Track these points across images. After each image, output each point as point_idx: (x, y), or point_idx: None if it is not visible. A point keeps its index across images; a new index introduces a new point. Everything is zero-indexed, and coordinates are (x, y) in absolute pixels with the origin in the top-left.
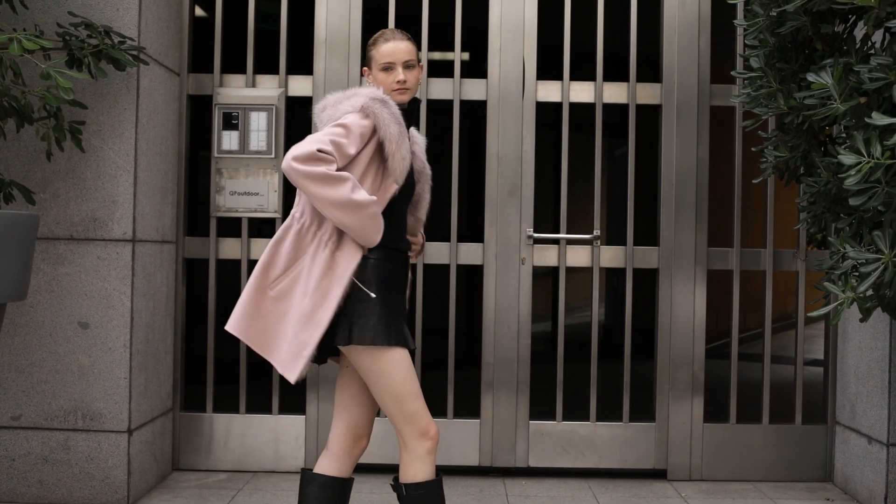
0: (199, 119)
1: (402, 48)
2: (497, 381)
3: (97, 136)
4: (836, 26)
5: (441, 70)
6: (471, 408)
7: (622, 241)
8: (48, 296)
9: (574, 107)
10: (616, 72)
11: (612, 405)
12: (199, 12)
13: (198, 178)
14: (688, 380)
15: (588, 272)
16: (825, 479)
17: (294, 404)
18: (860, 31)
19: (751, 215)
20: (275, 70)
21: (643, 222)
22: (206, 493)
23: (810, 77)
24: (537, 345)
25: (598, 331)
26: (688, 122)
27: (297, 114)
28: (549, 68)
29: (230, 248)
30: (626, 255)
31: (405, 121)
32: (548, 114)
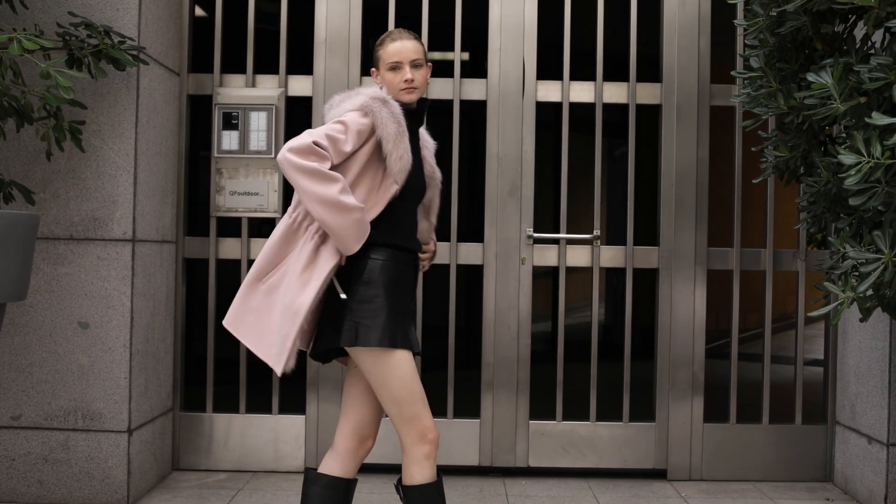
0: (199, 119)
1: (410, 47)
2: (497, 381)
3: (97, 136)
4: (836, 26)
5: (441, 70)
6: (471, 408)
7: (622, 241)
8: (48, 296)
9: (574, 107)
10: (616, 72)
11: (612, 405)
12: (199, 12)
13: (198, 178)
14: (688, 380)
15: (588, 272)
16: (825, 479)
17: (294, 404)
18: (860, 31)
19: (751, 215)
20: (275, 70)
21: (643, 222)
22: (206, 493)
23: (810, 77)
24: (537, 345)
25: (598, 331)
26: (688, 122)
27: (297, 114)
28: (549, 68)
29: (230, 248)
30: (626, 255)
31: (414, 121)
32: (548, 114)
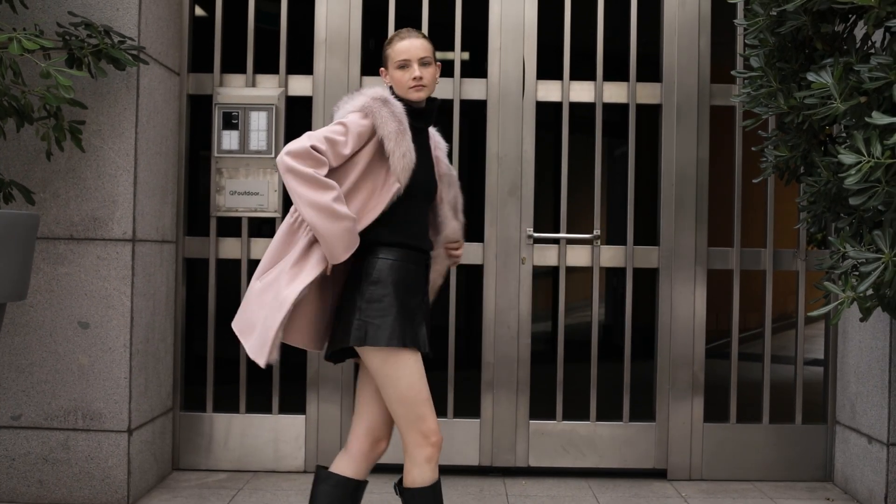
0: (199, 119)
1: (418, 45)
2: (497, 381)
3: (97, 136)
4: (836, 26)
5: (441, 70)
6: (471, 408)
7: (622, 240)
8: (48, 296)
9: (574, 106)
10: (616, 71)
11: (612, 405)
12: (199, 12)
13: (198, 177)
14: (688, 379)
15: (588, 272)
16: (825, 479)
17: (294, 404)
18: (860, 31)
19: (751, 215)
20: (275, 70)
21: (643, 222)
22: (206, 492)
23: (810, 76)
24: (537, 345)
25: (598, 331)
26: (688, 122)
27: (297, 113)
28: (549, 68)
29: (230, 248)
30: (626, 255)
31: (423, 120)
32: (548, 114)
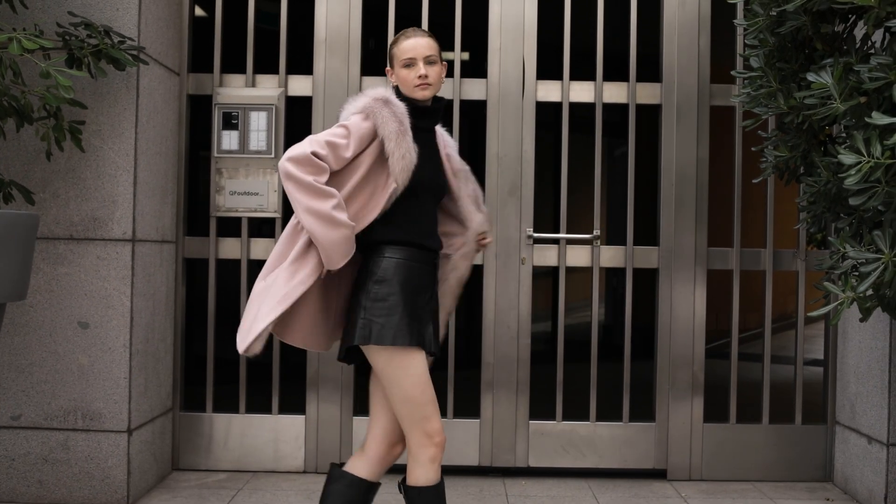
0: (199, 119)
1: (423, 44)
2: (497, 381)
3: (97, 136)
4: (836, 26)
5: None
6: (471, 408)
7: (622, 240)
8: (48, 296)
9: (574, 107)
10: (616, 72)
11: (612, 405)
12: (199, 12)
13: (198, 177)
14: (688, 380)
15: (588, 272)
16: (825, 479)
17: (294, 404)
18: (860, 31)
19: (751, 215)
20: (275, 70)
21: (643, 222)
22: (205, 492)
23: (810, 77)
24: (537, 345)
25: (598, 331)
26: (688, 122)
27: (297, 113)
28: (549, 68)
29: (230, 248)
30: (626, 255)
31: (428, 119)
32: (548, 114)
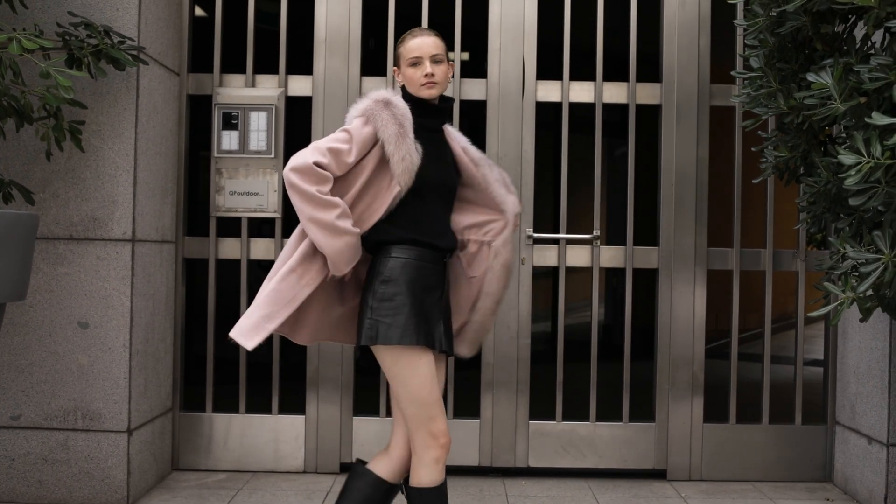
0: (199, 119)
1: (430, 42)
2: (497, 381)
3: (97, 136)
4: (836, 26)
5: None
6: (471, 408)
7: (622, 241)
8: (48, 296)
9: (574, 107)
10: (616, 72)
11: (612, 405)
12: (198, 12)
13: (198, 178)
14: (688, 380)
15: (588, 272)
16: (825, 480)
17: (294, 404)
18: (860, 31)
19: (751, 215)
20: (275, 70)
21: (643, 222)
22: (205, 492)
23: (810, 77)
24: (537, 345)
25: (598, 331)
26: (688, 122)
27: (297, 113)
28: (548, 68)
29: (230, 248)
30: (625, 255)
31: (436, 119)
32: (548, 114)
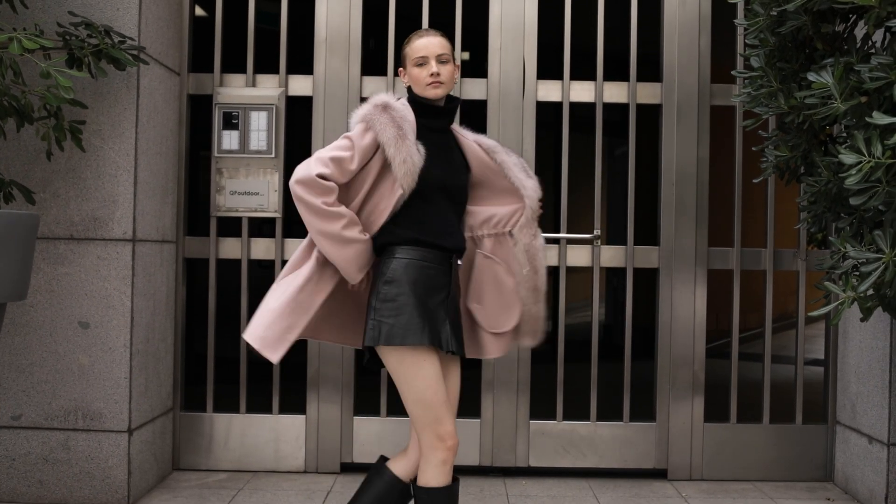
0: (199, 119)
1: (435, 42)
2: (497, 381)
3: (97, 136)
4: (836, 26)
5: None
6: (471, 407)
7: (622, 240)
8: (48, 296)
9: (574, 106)
10: (616, 71)
11: (613, 405)
12: (199, 12)
13: (198, 177)
14: (688, 379)
15: (588, 272)
16: (826, 479)
17: (294, 404)
18: (861, 31)
19: (751, 215)
20: (275, 70)
21: (643, 222)
22: (206, 492)
23: (811, 76)
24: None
25: (598, 330)
26: (688, 122)
27: (298, 113)
28: (549, 68)
29: (230, 248)
30: (626, 255)
31: (442, 120)
32: (548, 113)
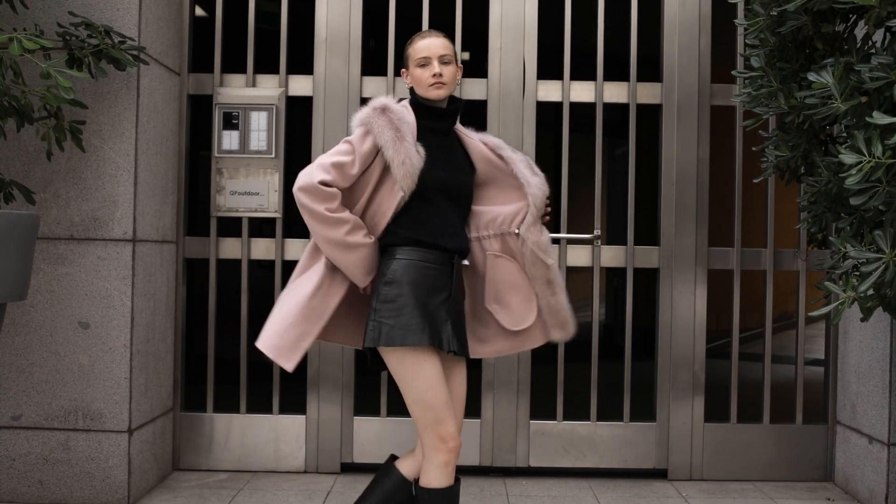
0: (200, 119)
1: (438, 43)
2: (497, 381)
3: (97, 136)
4: (836, 26)
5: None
6: (471, 407)
7: (622, 240)
8: (48, 296)
9: (574, 106)
10: (616, 71)
11: (613, 405)
12: (199, 12)
13: (198, 177)
14: (688, 379)
15: (588, 272)
16: (826, 479)
17: (294, 404)
18: (861, 31)
19: (751, 215)
20: (275, 70)
21: (643, 222)
22: (206, 492)
23: (811, 76)
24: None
25: (598, 331)
26: (688, 122)
27: (298, 113)
28: (549, 68)
29: (230, 248)
30: (626, 255)
31: (444, 121)
32: (548, 113)
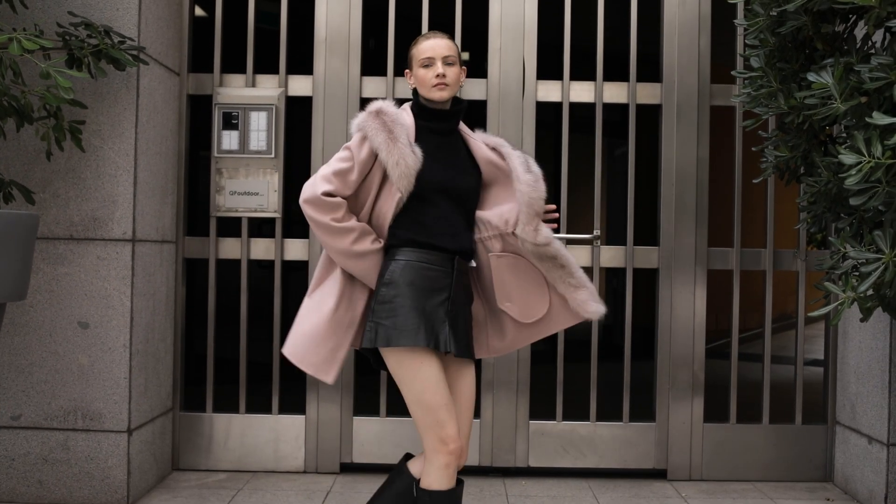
0: (199, 119)
1: (442, 44)
2: (497, 381)
3: (97, 136)
4: (836, 26)
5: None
6: None
7: (622, 240)
8: (48, 296)
9: (574, 106)
10: (616, 71)
11: (612, 405)
12: (199, 12)
13: (198, 177)
14: (688, 380)
15: (588, 272)
16: (825, 479)
17: (294, 404)
18: (861, 31)
19: (751, 215)
20: (275, 70)
21: (643, 222)
22: (205, 492)
23: (811, 77)
24: (537, 345)
25: (598, 331)
26: (688, 122)
27: (298, 113)
28: (549, 68)
29: (230, 248)
30: (626, 255)
31: (447, 122)
32: (548, 114)
